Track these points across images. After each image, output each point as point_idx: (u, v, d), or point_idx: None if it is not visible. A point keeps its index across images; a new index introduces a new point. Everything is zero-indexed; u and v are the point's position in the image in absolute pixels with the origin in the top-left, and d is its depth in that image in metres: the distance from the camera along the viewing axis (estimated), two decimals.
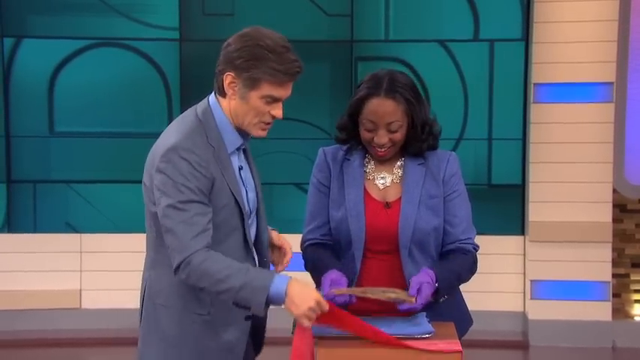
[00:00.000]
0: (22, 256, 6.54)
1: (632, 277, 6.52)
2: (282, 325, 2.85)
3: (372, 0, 6.52)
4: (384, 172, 2.93)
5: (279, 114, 2.62)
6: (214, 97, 2.67)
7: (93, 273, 6.57)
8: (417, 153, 2.91)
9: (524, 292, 6.51)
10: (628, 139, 6.38)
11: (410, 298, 2.66)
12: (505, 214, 6.52)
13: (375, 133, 2.83)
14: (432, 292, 2.72)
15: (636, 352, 6.27)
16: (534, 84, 6.37)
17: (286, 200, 6.30)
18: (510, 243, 6.52)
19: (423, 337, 2.59)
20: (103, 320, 6.45)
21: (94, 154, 6.57)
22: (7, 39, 6.51)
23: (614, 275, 6.40)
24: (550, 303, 6.37)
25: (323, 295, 2.58)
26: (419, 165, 2.91)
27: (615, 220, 6.39)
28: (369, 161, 2.95)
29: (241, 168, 2.70)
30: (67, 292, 6.56)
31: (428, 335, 2.60)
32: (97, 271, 6.56)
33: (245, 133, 2.68)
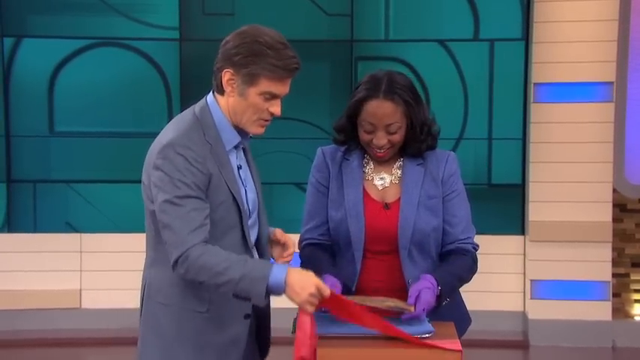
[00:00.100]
0: (22, 256, 6.54)
1: (632, 276, 6.52)
2: (282, 325, 2.85)
3: (372, 0, 6.52)
4: (383, 173, 2.93)
5: (277, 111, 2.62)
6: (212, 96, 2.68)
7: (93, 273, 6.57)
8: (416, 153, 2.90)
9: (524, 292, 6.51)
10: (628, 138, 6.38)
11: (409, 307, 2.66)
12: (505, 213, 6.52)
13: (374, 134, 2.83)
14: (434, 296, 2.71)
15: (636, 351, 6.27)
16: (534, 84, 6.37)
17: (286, 200, 6.29)
18: (510, 243, 6.52)
19: (423, 336, 2.59)
20: (103, 320, 6.45)
21: (94, 154, 6.57)
22: (7, 39, 6.51)
23: (614, 275, 6.40)
24: (550, 303, 6.37)
25: (321, 310, 2.59)
26: (418, 165, 2.91)
27: (615, 220, 6.39)
28: (367, 162, 2.94)
29: (240, 167, 2.69)
30: (67, 292, 6.56)
31: (428, 335, 2.60)
32: (97, 271, 6.56)
33: (244, 132, 2.68)
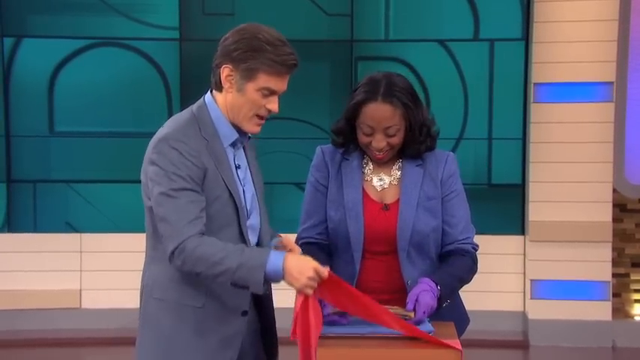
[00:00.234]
0: (22, 256, 6.54)
1: (632, 276, 6.52)
2: (281, 325, 2.85)
3: (372, 0, 6.52)
4: (382, 174, 2.92)
5: (274, 108, 2.62)
6: (210, 95, 2.69)
7: (93, 273, 6.57)
8: (415, 155, 2.90)
9: (524, 292, 6.51)
10: (628, 138, 6.38)
11: (409, 313, 2.66)
12: (505, 213, 6.52)
13: (373, 137, 2.82)
14: (434, 298, 2.71)
15: (636, 351, 6.27)
16: (534, 84, 6.37)
17: (286, 200, 6.29)
18: (510, 243, 6.52)
19: None
20: (103, 320, 6.45)
21: (94, 154, 6.57)
22: (7, 39, 6.51)
23: (614, 275, 6.40)
24: (550, 303, 6.37)
25: (324, 316, 2.59)
26: (417, 166, 2.90)
27: (615, 220, 6.39)
28: (367, 162, 2.94)
29: (238, 167, 2.70)
30: (67, 291, 6.56)
31: (429, 334, 2.60)
32: (97, 271, 6.56)
33: (242, 131, 2.69)
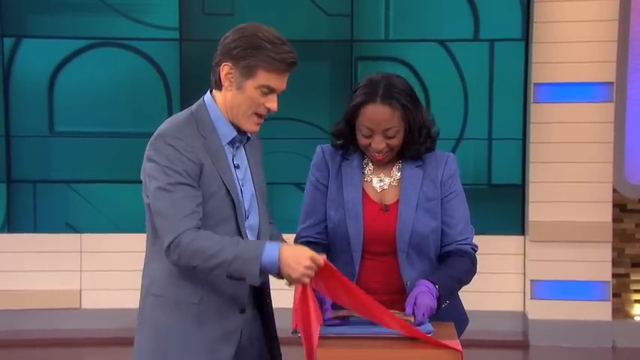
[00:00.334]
0: (22, 256, 6.54)
1: (632, 276, 6.52)
2: (281, 325, 2.84)
3: (372, 0, 6.52)
4: (381, 175, 2.92)
5: (274, 106, 2.63)
6: (209, 95, 2.70)
7: (93, 273, 6.57)
8: (415, 156, 2.90)
9: (524, 292, 6.51)
10: (628, 139, 6.39)
11: (409, 317, 2.66)
12: (505, 214, 6.52)
13: (372, 138, 2.82)
14: (434, 299, 2.70)
15: (636, 352, 6.27)
16: (534, 84, 6.37)
17: (286, 200, 6.29)
18: (510, 243, 6.52)
19: None
20: (103, 320, 6.45)
21: (94, 154, 6.57)
22: (7, 39, 6.51)
23: (614, 275, 6.40)
24: (550, 303, 6.37)
25: (324, 320, 2.60)
26: (417, 167, 2.90)
27: (615, 220, 6.39)
28: (367, 162, 2.94)
29: (237, 166, 2.70)
30: (67, 292, 6.56)
31: (428, 335, 2.60)
32: (97, 271, 6.56)
33: (242, 132, 2.70)
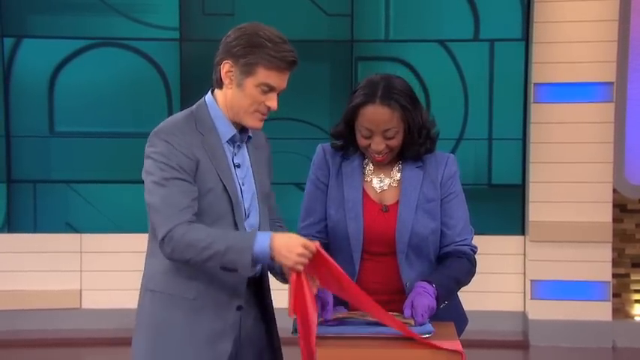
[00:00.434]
0: (22, 256, 6.54)
1: (633, 277, 6.52)
2: (282, 325, 2.84)
3: (372, 0, 6.52)
4: (382, 175, 2.92)
5: (273, 105, 2.64)
6: (210, 95, 2.72)
7: (93, 273, 6.57)
8: (415, 157, 2.90)
9: (524, 292, 6.51)
10: (628, 139, 6.39)
11: (408, 320, 2.66)
12: (505, 214, 6.52)
13: (372, 139, 2.82)
14: (432, 299, 2.69)
15: (636, 352, 6.27)
16: (534, 84, 6.37)
17: (286, 200, 6.20)
18: (510, 243, 6.52)
19: (423, 336, 2.59)
20: (103, 320, 6.45)
21: (94, 154, 6.57)
22: (7, 39, 6.52)
23: (614, 275, 6.40)
24: (550, 303, 6.37)
25: (324, 321, 2.61)
26: (417, 168, 2.90)
27: (615, 220, 6.39)
28: (367, 162, 2.93)
29: (238, 166, 2.71)
30: (67, 292, 6.56)
31: (428, 335, 2.60)
32: (97, 271, 6.56)
33: (244, 131, 2.70)
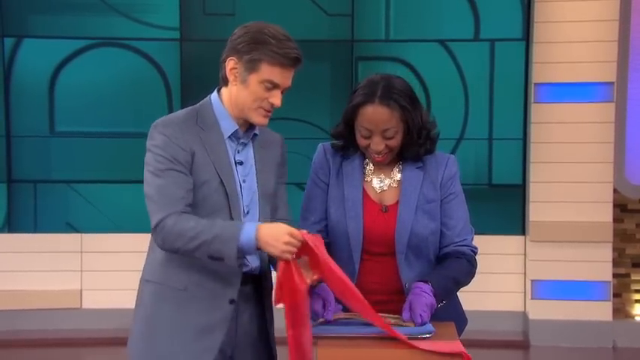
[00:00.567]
0: (22, 256, 6.54)
1: (633, 276, 6.52)
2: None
3: (373, 0, 6.52)
4: (382, 175, 2.92)
5: (277, 102, 2.66)
6: (216, 93, 2.75)
7: (93, 273, 6.57)
8: (415, 157, 2.89)
9: (524, 292, 6.51)
10: (628, 139, 6.39)
11: (408, 323, 2.66)
12: (505, 214, 6.52)
13: (371, 139, 2.82)
14: (430, 297, 2.69)
15: (637, 352, 6.27)
16: (535, 84, 6.37)
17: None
18: (511, 243, 6.52)
19: (423, 336, 2.59)
20: (103, 320, 6.45)
21: (94, 154, 6.57)
22: (8, 39, 6.52)
23: (614, 275, 6.40)
24: (550, 303, 6.37)
25: (325, 321, 2.63)
26: (417, 169, 2.90)
27: (616, 220, 6.39)
28: (368, 162, 2.94)
29: (240, 163, 2.72)
30: (67, 292, 6.56)
31: (428, 335, 2.60)
32: (98, 271, 6.56)
33: (250, 129, 2.73)
